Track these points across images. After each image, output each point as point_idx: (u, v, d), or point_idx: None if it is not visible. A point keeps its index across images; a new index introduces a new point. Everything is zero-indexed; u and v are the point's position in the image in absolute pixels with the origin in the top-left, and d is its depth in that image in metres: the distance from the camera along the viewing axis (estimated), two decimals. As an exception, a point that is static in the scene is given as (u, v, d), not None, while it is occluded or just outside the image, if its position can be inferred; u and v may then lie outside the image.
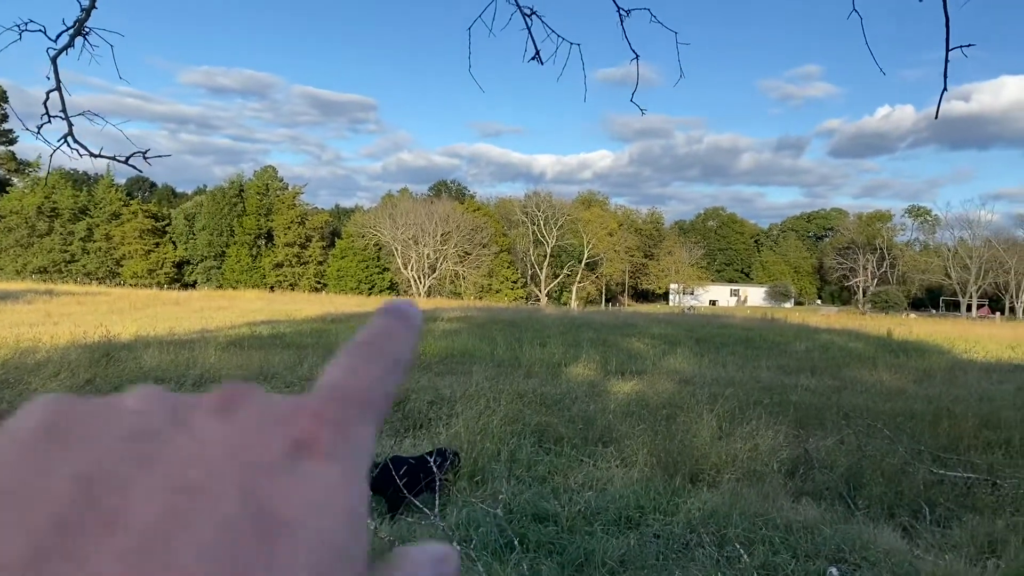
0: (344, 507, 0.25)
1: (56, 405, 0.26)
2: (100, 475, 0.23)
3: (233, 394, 0.27)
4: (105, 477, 0.23)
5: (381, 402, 0.29)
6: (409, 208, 75.78)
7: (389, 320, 0.33)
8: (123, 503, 0.23)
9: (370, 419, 0.29)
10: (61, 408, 0.26)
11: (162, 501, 0.23)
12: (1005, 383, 14.60)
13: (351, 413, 0.28)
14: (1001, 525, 5.60)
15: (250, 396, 0.27)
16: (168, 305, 32.76)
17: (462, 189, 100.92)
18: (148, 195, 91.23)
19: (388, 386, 0.30)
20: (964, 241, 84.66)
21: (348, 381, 0.29)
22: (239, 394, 0.27)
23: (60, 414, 0.26)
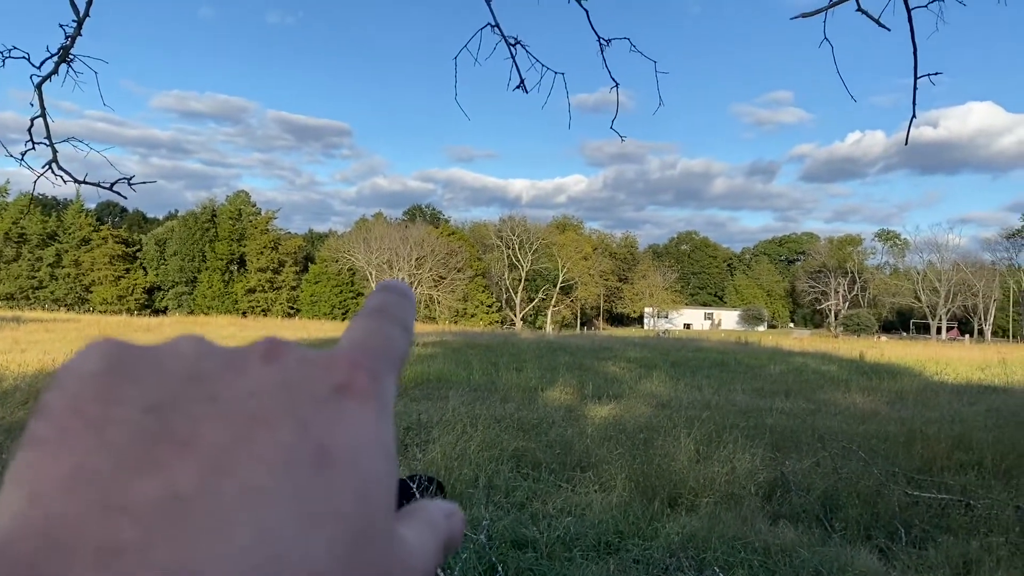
0: (381, 442, 0.28)
1: (114, 346, 0.28)
2: (168, 406, 0.25)
3: (274, 344, 0.30)
4: (173, 408, 0.25)
5: (399, 357, 0.32)
6: (383, 232, 75.62)
7: (390, 294, 0.35)
8: (193, 429, 0.25)
9: (394, 371, 0.32)
10: (120, 349, 0.28)
11: (228, 428, 0.25)
12: (976, 404, 14.80)
13: (380, 363, 0.31)
14: (975, 546, 5.65)
15: (289, 347, 0.30)
16: (139, 332, 32.34)
17: (437, 213, 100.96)
18: (119, 220, 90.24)
19: (403, 344, 0.33)
20: (933, 264, 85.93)
21: (371, 338, 0.32)
22: (279, 345, 0.30)
23: (120, 354, 0.28)
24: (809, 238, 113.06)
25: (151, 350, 0.29)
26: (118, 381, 0.26)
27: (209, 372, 0.27)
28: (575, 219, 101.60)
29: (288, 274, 76.99)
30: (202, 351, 0.29)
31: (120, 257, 74.71)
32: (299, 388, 0.27)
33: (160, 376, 0.27)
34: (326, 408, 0.27)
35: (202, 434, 0.24)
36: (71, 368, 0.27)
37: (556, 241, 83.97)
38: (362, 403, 0.28)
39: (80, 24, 2.49)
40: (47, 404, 0.26)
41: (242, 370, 0.28)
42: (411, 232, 75.91)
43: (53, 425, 0.25)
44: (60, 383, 0.27)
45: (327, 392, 0.28)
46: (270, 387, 0.27)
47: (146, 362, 0.28)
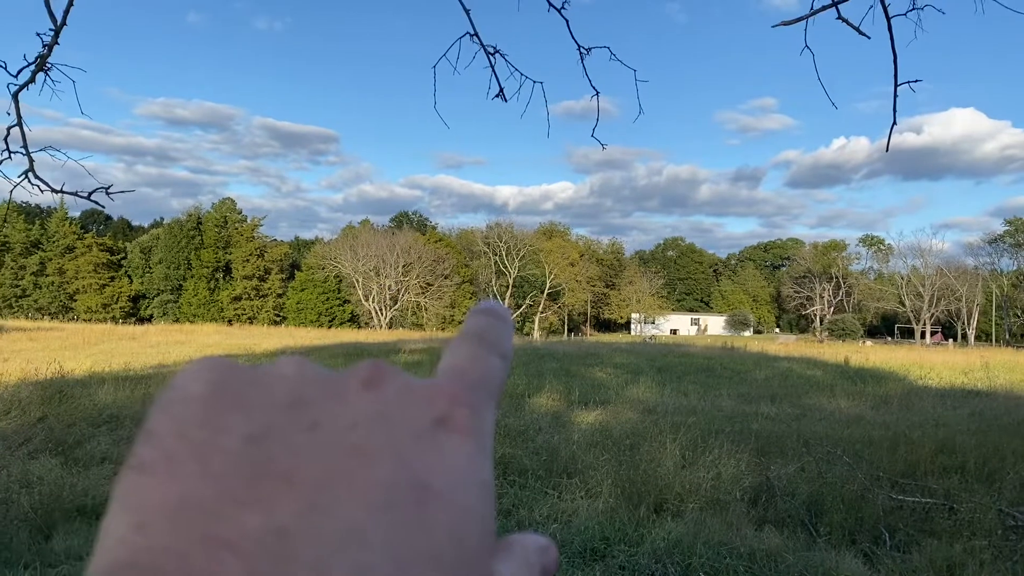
0: (479, 478, 0.27)
1: (220, 369, 0.28)
2: (270, 435, 0.26)
3: (377, 371, 0.29)
4: (275, 438, 0.25)
5: (498, 388, 0.32)
6: (370, 239, 75.47)
7: (489, 318, 0.35)
8: (294, 461, 0.25)
9: (493, 402, 0.31)
10: (225, 372, 0.28)
11: (328, 461, 0.25)
12: (959, 408, 14.90)
13: (480, 396, 0.30)
14: (959, 549, 5.68)
15: (392, 374, 0.29)
16: (124, 340, 32.11)
17: (424, 220, 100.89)
18: (103, 228, 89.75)
19: (502, 374, 0.33)
20: (917, 269, 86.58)
21: (471, 368, 0.31)
22: (382, 371, 0.29)
23: (225, 378, 0.28)
24: (794, 244, 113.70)
25: (255, 372, 0.29)
26: (223, 406, 0.27)
27: (310, 398, 0.27)
28: (562, 225, 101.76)
29: (274, 282, 76.70)
30: (305, 375, 0.29)
31: (104, 265, 74.24)
32: (399, 420, 0.27)
33: (263, 401, 0.27)
34: (426, 442, 0.27)
35: (302, 467, 0.25)
36: (176, 389, 0.28)
37: (543, 247, 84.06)
38: (462, 438, 0.28)
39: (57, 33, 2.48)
40: (154, 427, 0.26)
41: (343, 397, 0.28)
42: (398, 239, 75.81)
43: (159, 450, 0.25)
44: (166, 405, 0.27)
45: (427, 425, 0.27)
46: (370, 418, 0.27)
47: (250, 386, 0.28)
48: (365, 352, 25.44)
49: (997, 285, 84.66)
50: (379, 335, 48.82)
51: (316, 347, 28.97)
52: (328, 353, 25.10)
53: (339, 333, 52.52)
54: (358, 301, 74.79)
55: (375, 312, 73.50)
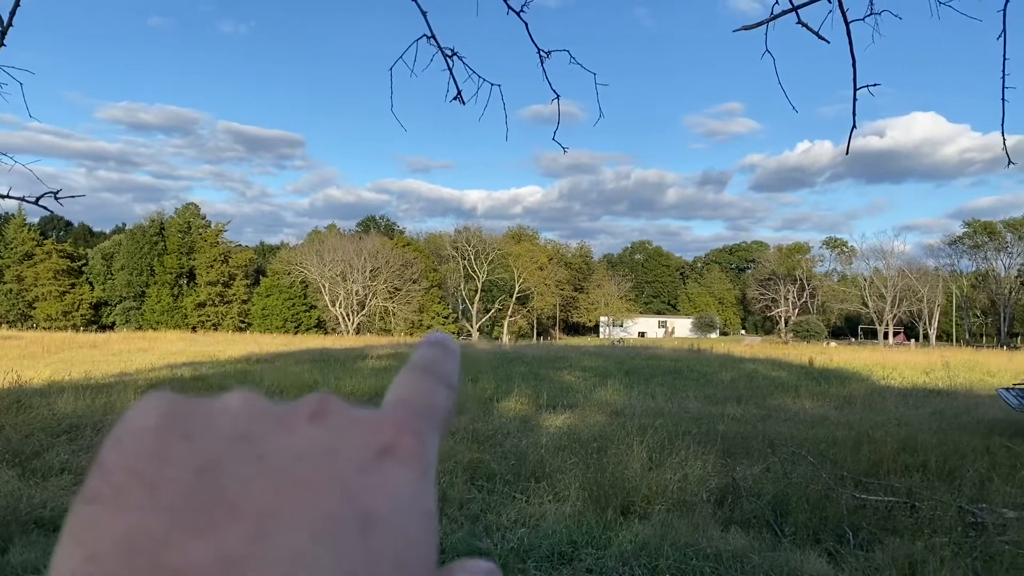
0: (422, 507, 0.28)
1: (170, 403, 0.29)
2: (218, 467, 0.26)
3: (322, 404, 0.30)
4: (224, 469, 0.26)
5: (443, 417, 0.33)
6: (337, 244, 74.98)
7: (435, 349, 0.36)
8: (242, 491, 0.25)
9: (438, 432, 0.32)
10: (174, 406, 0.29)
11: (275, 492, 0.26)
12: (921, 408, 15.16)
13: (425, 425, 0.31)
14: (920, 547, 5.76)
15: (337, 406, 0.30)
16: (84, 348, 31.54)
17: (391, 225, 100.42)
18: (63, 235, 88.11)
19: (448, 403, 0.34)
20: (879, 271, 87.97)
21: (417, 398, 0.32)
22: (328, 404, 0.30)
23: (174, 411, 0.29)
24: (759, 246, 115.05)
25: (203, 405, 0.29)
26: (172, 439, 0.27)
27: (258, 431, 0.28)
28: (531, 229, 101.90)
29: (239, 287, 75.86)
30: (252, 408, 0.30)
31: (65, 272, 72.93)
32: (344, 451, 0.28)
33: (212, 434, 0.28)
34: (371, 472, 0.28)
35: (250, 497, 0.25)
36: (128, 423, 0.28)
37: (512, 251, 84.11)
38: (406, 466, 0.29)
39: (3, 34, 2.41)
40: (104, 460, 0.27)
41: (290, 430, 0.29)
42: (365, 243, 75.40)
43: (109, 482, 0.26)
44: (117, 439, 0.28)
45: (371, 455, 0.28)
46: (316, 450, 0.28)
47: (199, 418, 0.28)
48: (331, 358, 25.24)
49: (957, 286, 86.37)
50: (346, 341, 48.48)
51: (281, 353, 28.70)
52: (294, 359, 24.87)
53: (305, 339, 52.07)
54: (325, 307, 74.21)
55: (342, 317, 72.99)
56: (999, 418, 13.02)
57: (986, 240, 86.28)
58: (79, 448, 9.06)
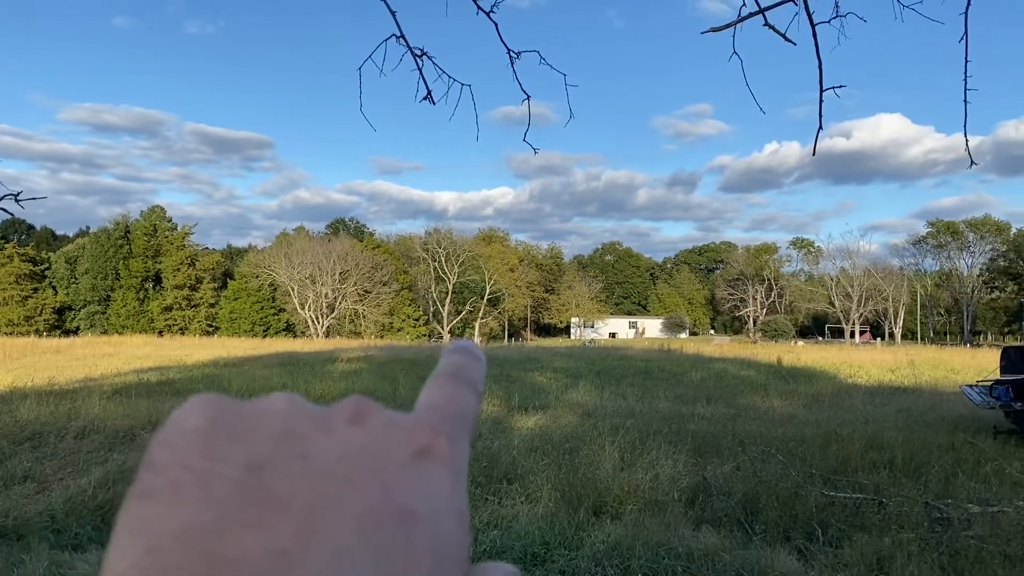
0: (456, 506, 0.30)
1: (216, 404, 0.30)
2: (267, 465, 0.28)
3: (361, 406, 0.32)
4: (271, 467, 0.28)
5: (472, 421, 0.34)
6: (305, 247, 74.39)
7: (464, 356, 0.37)
8: (289, 487, 0.27)
9: (468, 436, 0.34)
10: (220, 406, 0.30)
11: (320, 489, 0.27)
12: (887, 405, 15.38)
13: (457, 429, 0.33)
14: (888, 542, 5.83)
15: (375, 409, 0.32)
16: (48, 353, 30.98)
17: (361, 227, 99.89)
18: (25, 238, 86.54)
19: (476, 408, 0.35)
20: (845, 271, 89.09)
21: (448, 404, 0.34)
22: (366, 407, 0.32)
23: (221, 412, 0.30)
24: (727, 247, 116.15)
25: (248, 407, 0.31)
26: (221, 438, 0.29)
27: (301, 431, 0.30)
28: (501, 231, 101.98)
29: (206, 291, 75.02)
30: (295, 409, 0.31)
31: (27, 276, 71.63)
32: (383, 452, 0.29)
33: (258, 434, 0.29)
34: (408, 471, 0.29)
35: (297, 494, 0.27)
36: (176, 424, 0.30)
37: (483, 253, 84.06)
38: (441, 467, 0.30)
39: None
40: (156, 458, 0.28)
41: (331, 430, 0.30)
42: (335, 246, 74.91)
43: (164, 479, 0.27)
44: (166, 439, 0.29)
45: (409, 456, 0.30)
46: (357, 449, 0.29)
47: (245, 419, 0.30)
48: (301, 362, 25.03)
49: (921, 285, 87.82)
50: (316, 344, 48.10)
51: (250, 357, 28.40)
52: (262, 363, 24.63)
53: (274, 343, 51.55)
54: (294, 309, 73.60)
55: (311, 321, 72.43)
56: (963, 415, 13.25)
57: (949, 240, 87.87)
58: (42, 456, 8.89)
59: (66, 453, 9.07)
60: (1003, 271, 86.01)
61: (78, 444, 9.59)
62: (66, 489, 7.22)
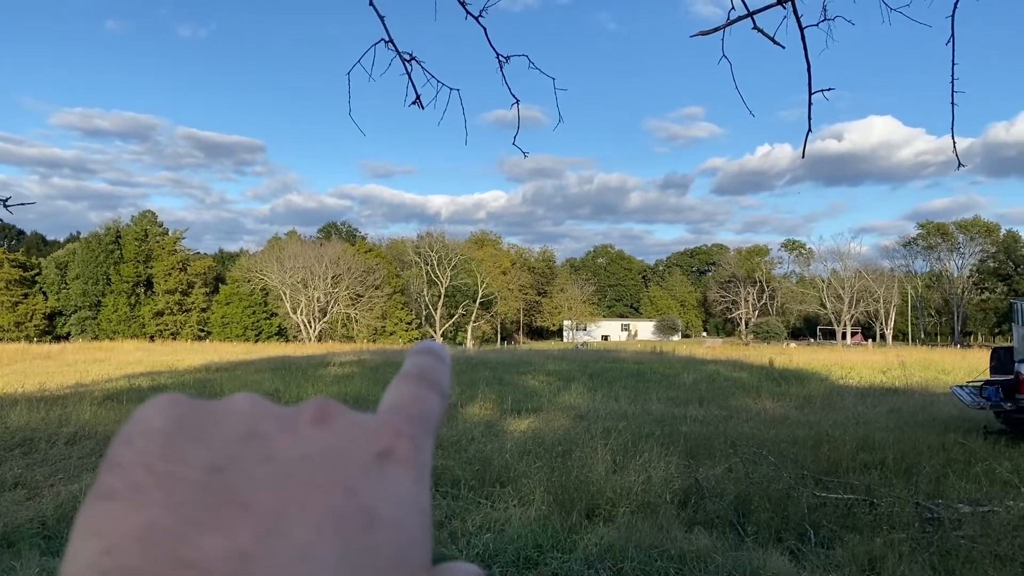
0: (419, 506, 0.30)
1: (178, 404, 0.30)
2: (229, 466, 0.28)
3: (324, 407, 0.31)
4: (233, 468, 0.27)
5: (436, 423, 0.35)
6: (297, 251, 74.20)
7: (429, 357, 0.37)
8: (252, 489, 0.27)
9: (431, 437, 0.34)
10: (183, 406, 0.30)
11: (283, 490, 0.27)
12: (878, 406, 15.43)
13: (420, 430, 0.33)
14: (879, 543, 5.86)
15: (338, 410, 0.32)
16: (38, 359, 30.83)
17: (353, 231, 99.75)
18: (15, 243, 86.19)
19: (440, 410, 0.35)
20: (836, 272, 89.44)
21: (412, 404, 0.34)
22: (329, 408, 0.31)
23: (184, 412, 0.30)
24: (719, 249, 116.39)
25: (211, 407, 0.31)
26: (183, 439, 0.28)
27: (265, 432, 0.29)
28: (493, 234, 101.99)
29: (198, 296, 74.75)
30: (258, 410, 0.31)
31: (17, 282, 71.23)
32: (347, 452, 0.29)
33: (221, 435, 0.29)
34: (372, 473, 0.29)
35: (260, 495, 0.27)
36: (138, 423, 0.29)
37: (475, 256, 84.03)
38: (404, 468, 0.30)
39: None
40: (117, 458, 0.28)
41: (295, 431, 0.30)
42: (326, 250, 74.76)
43: (125, 480, 0.27)
44: (128, 438, 0.29)
45: (372, 457, 0.30)
46: (321, 450, 0.29)
47: (207, 420, 0.30)
48: (293, 366, 24.96)
49: (912, 286, 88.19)
50: (308, 348, 48.01)
51: (242, 362, 28.31)
52: (254, 368, 24.56)
53: (266, 347, 51.41)
54: (286, 314, 73.38)
55: (304, 325, 72.25)
56: (954, 415, 13.32)
57: (939, 241, 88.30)
58: (33, 462, 8.85)
59: (57, 459, 9.04)
60: (993, 272, 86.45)
61: (69, 450, 9.55)
62: (57, 495, 7.19)
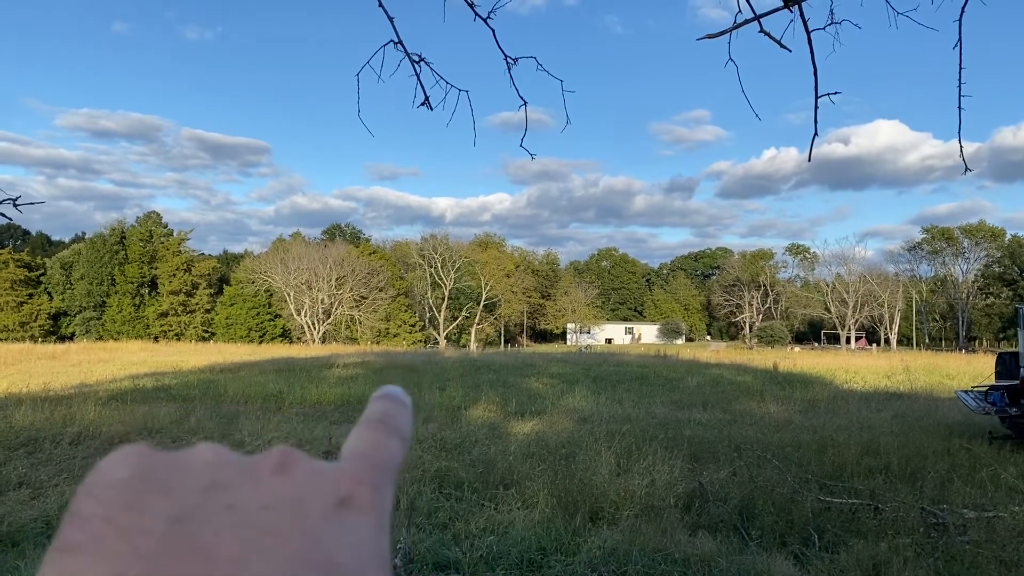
0: (379, 553, 0.31)
1: (141, 455, 0.31)
2: (192, 516, 0.28)
3: (284, 456, 0.32)
4: (196, 518, 0.28)
5: (396, 469, 0.35)
6: (302, 252, 74.26)
7: (388, 403, 0.38)
8: (214, 540, 0.27)
9: (392, 482, 0.34)
10: (145, 458, 0.31)
11: (245, 540, 0.28)
12: (883, 411, 15.39)
13: (380, 477, 0.33)
14: (884, 548, 5.84)
15: (299, 459, 0.33)
16: (43, 359, 30.91)
17: (357, 232, 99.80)
18: (21, 244, 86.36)
19: (400, 456, 0.36)
20: (841, 277, 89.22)
21: (372, 451, 0.35)
22: (290, 457, 0.33)
23: (146, 463, 0.31)
24: (723, 253, 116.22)
25: (174, 458, 0.32)
26: (146, 490, 0.29)
27: (227, 482, 0.30)
28: (497, 237, 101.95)
29: (202, 297, 74.84)
30: (220, 460, 0.32)
31: (22, 282, 71.39)
32: (308, 501, 0.30)
33: (183, 485, 0.30)
34: (332, 520, 0.30)
35: (222, 545, 0.27)
36: (100, 475, 0.30)
37: (479, 259, 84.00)
38: (364, 515, 0.31)
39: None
40: (79, 510, 0.28)
41: (256, 481, 0.31)
42: (331, 251, 74.81)
43: (87, 532, 0.27)
44: (90, 490, 0.29)
45: (333, 505, 0.31)
46: (282, 500, 0.30)
47: (170, 470, 0.30)
48: (297, 367, 24.99)
49: (916, 291, 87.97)
50: (311, 350, 48.06)
51: (246, 363, 28.35)
52: (258, 369, 24.59)
53: (270, 348, 51.49)
54: (290, 315, 73.45)
55: (307, 326, 72.31)
56: (958, 420, 13.28)
57: (944, 246, 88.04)
58: (37, 462, 8.87)
59: (61, 459, 9.06)
60: (998, 277, 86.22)
61: (73, 450, 9.57)
62: (61, 495, 7.21)
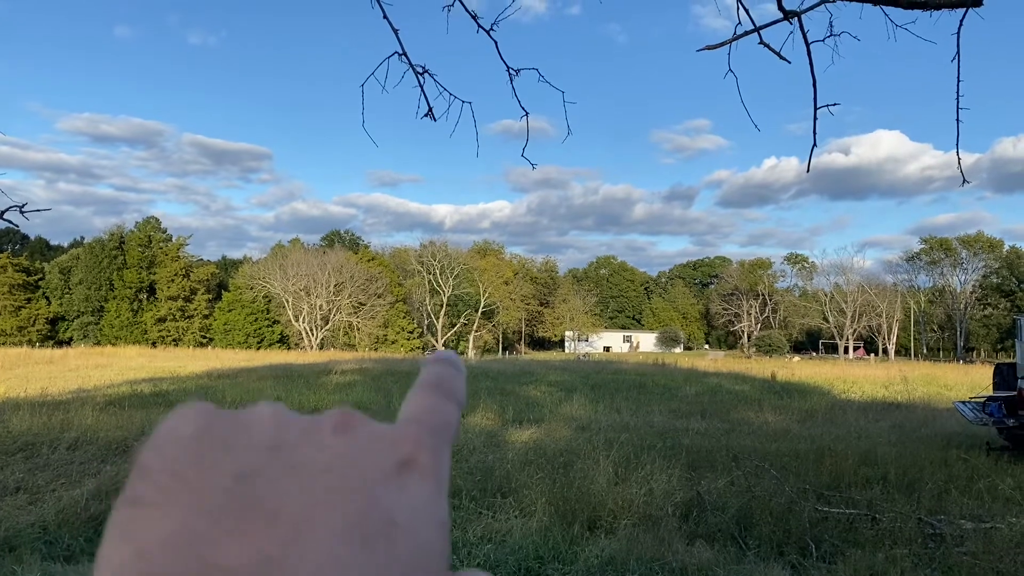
0: (438, 517, 0.31)
1: (206, 413, 0.31)
2: (256, 475, 0.29)
3: (346, 417, 0.32)
4: (259, 476, 0.29)
5: (453, 432, 0.35)
6: (300, 259, 74.25)
7: (445, 367, 0.38)
8: (277, 497, 0.28)
9: (449, 446, 0.34)
10: (210, 415, 0.31)
11: (308, 499, 0.28)
12: (881, 421, 15.39)
13: (438, 440, 0.33)
14: (881, 558, 5.84)
15: (359, 420, 0.33)
16: (40, 364, 30.87)
17: (356, 239, 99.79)
18: (19, 248, 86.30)
19: (456, 419, 0.36)
20: (839, 287, 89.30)
21: (430, 415, 0.35)
22: (351, 418, 0.32)
23: (211, 422, 0.31)
24: (722, 262, 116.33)
25: (237, 417, 0.32)
26: (212, 447, 0.29)
27: (289, 442, 0.30)
28: (496, 244, 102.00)
29: (200, 302, 74.77)
30: (282, 420, 0.32)
31: (20, 286, 71.32)
32: (368, 462, 0.30)
33: (247, 444, 0.30)
34: (392, 482, 0.30)
35: (285, 504, 0.28)
36: (167, 431, 0.30)
37: (477, 266, 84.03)
38: (423, 478, 0.31)
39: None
40: (146, 465, 0.29)
41: (318, 441, 0.31)
42: (329, 258, 74.80)
43: (154, 486, 0.28)
44: (157, 446, 0.30)
45: (393, 467, 0.31)
46: (343, 460, 0.30)
47: (234, 429, 0.31)
48: (295, 374, 24.97)
49: (915, 301, 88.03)
50: (309, 356, 48.00)
51: (244, 369, 28.31)
52: (256, 375, 24.56)
53: (268, 355, 51.43)
54: (288, 322, 73.40)
55: (306, 333, 72.25)
56: (956, 431, 13.28)
57: (942, 256, 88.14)
58: (35, 467, 8.85)
59: (59, 464, 9.04)
60: (996, 288, 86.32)
61: (71, 455, 9.56)
62: (58, 500, 7.19)
